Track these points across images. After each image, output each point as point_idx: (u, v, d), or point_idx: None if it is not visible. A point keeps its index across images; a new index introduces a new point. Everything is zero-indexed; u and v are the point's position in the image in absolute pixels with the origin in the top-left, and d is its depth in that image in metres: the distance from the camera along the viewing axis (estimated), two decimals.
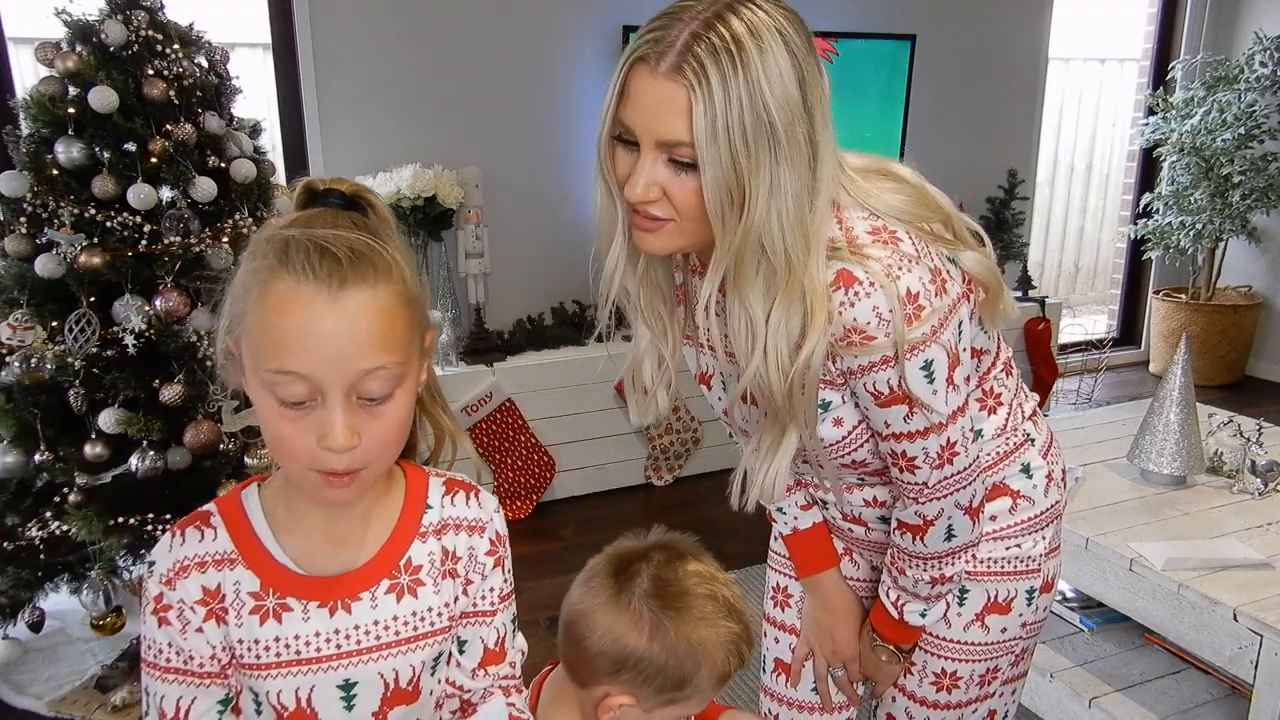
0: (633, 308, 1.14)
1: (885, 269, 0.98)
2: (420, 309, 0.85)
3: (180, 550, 0.87)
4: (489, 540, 0.95)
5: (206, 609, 0.86)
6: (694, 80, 0.90)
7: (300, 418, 0.78)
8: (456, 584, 0.93)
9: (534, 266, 3.58)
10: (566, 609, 1.10)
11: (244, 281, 0.80)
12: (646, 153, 0.95)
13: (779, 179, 0.94)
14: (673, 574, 1.08)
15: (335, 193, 0.86)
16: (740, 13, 0.92)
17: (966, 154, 4.35)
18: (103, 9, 2.19)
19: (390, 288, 0.80)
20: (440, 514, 0.93)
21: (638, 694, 1.06)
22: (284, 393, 0.78)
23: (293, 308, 0.76)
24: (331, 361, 0.77)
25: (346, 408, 0.78)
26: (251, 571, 0.86)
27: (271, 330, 0.77)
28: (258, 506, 0.89)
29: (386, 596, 0.89)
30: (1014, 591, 1.22)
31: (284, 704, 0.87)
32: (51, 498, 2.12)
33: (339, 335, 0.77)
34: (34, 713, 2.22)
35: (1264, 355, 4.85)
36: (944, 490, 1.10)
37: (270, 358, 0.77)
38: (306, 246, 0.78)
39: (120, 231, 2.13)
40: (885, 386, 1.02)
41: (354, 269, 0.77)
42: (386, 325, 0.79)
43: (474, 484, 0.97)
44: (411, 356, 0.83)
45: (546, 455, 3.39)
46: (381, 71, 3.32)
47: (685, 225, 0.99)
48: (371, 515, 0.90)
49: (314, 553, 0.88)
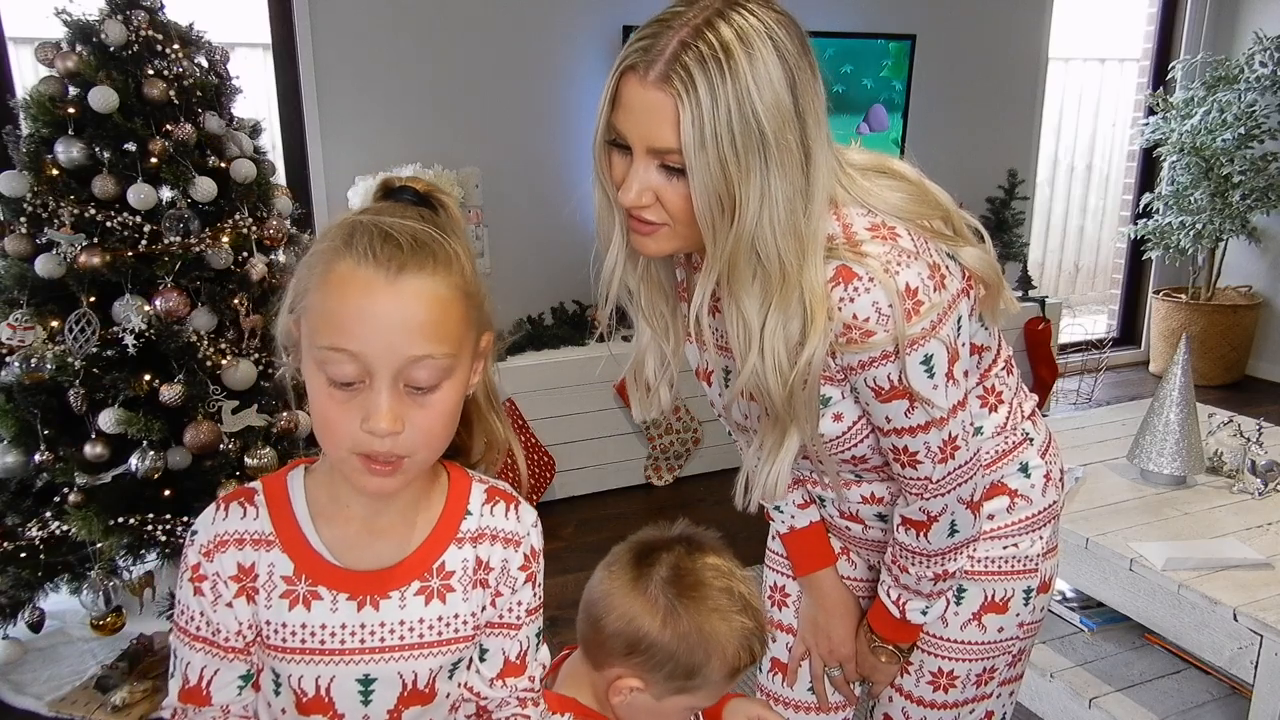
0: (634, 306, 1.15)
1: (884, 264, 0.98)
2: (478, 306, 0.85)
3: (222, 524, 0.88)
4: (524, 555, 0.94)
5: (239, 585, 0.87)
6: (681, 89, 0.90)
7: (348, 399, 0.79)
8: (486, 594, 0.93)
9: (534, 266, 3.58)
10: (588, 591, 1.13)
11: (309, 262, 0.82)
12: (639, 159, 0.96)
13: (770, 186, 0.94)
14: (691, 564, 1.09)
15: (410, 189, 0.88)
16: (730, 19, 0.92)
17: (966, 154, 4.35)
18: (103, 9, 2.19)
19: (449, 279, 0.81)
20: (479, 522, 0.93)
21: (648, 679, 1.07)
22: (334, 371, 0.79)
23: (351, 287, 0.78)
24: (383, 343, 0.78)
25: (393, 393, 0.79)
26: (287, 555, 0.87)
27: (329, 308, 0.79)
28: (301, 491, 0.90)
29: (416, 598, 0.89)
30: (1011, 591, 1.22)
31: (304, 689, 0.88)
32: (51, 498, 2.12)
33: (392, 318, 0.78)
34: (34, 713, 2.22)
35: (1264, 355, 4.85)
36: (948, 485, 1.10)
37: (324, 335, 0.79)
38: (371, 231, 0.80)
39: (120, 231, 2.13)
40: (886, 382, 1.02)
41: (414, 256, 0.79)
42: (440, 315, 0.80)
43: (515, 495, 0.97)
44: (463, 351, 0.83)
45: (546, 455, 3.39)
46: (381, 71, 3.32)
47: (679, 229, 1.00)
48: (412, 513, 0.91)
49: (350, 543, 0.89)
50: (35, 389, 2.09)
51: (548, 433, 3.39)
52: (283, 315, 0.85)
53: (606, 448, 3.53)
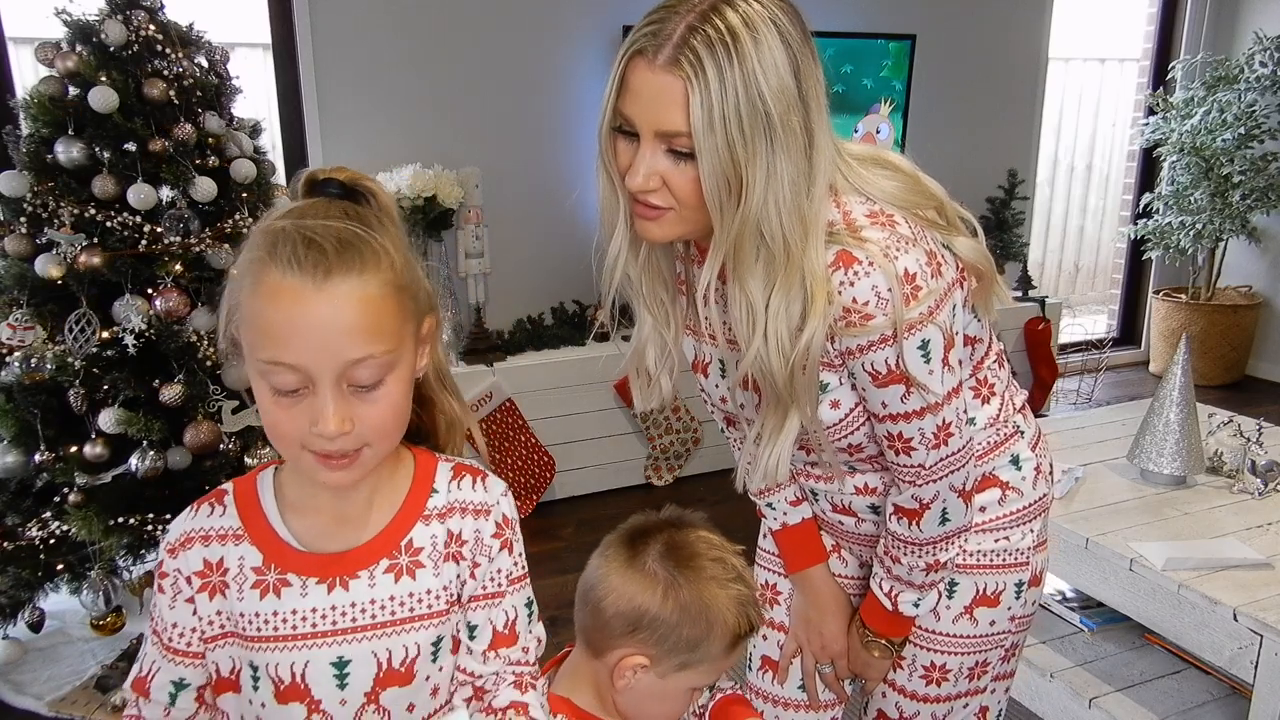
0: (635, 294, 1.17)
1: (883, 249, 1.00)
2: (413, 296, 0.86)
3: (190, 523, 0.91)
4: (495, 523, 0.95)
5: (204, 580, 0.89)
6: (690, 72, 0.92)
7: (294, 404, 0.80)
8: (462, 567, 0.94)
9: (534, 266, 3.58)
10: (583, 579, 1.14)
11: (238, 273, 0.82)
12: (646, 143, 0.98)
13: (776, 167, 0.96)
14: (684, 538, 1.12)
15: (334, 182, 0.87)
16: (736, 5, 0.94)
17: (966, 154, 4.35)
18: (103, 9, 2.19)
19: (378, 276, 0.80)
20: (446, 498, 0.94)
21: (652, 654, 1.08)
22: (277, 382, 0.80)
23: (281, 298, 0.78)
24: (319, 351, 0.78)
25: (337, 395, 0.80)
26: (255, 547, 0.89)
27: (262, 321, 0.79)
28: (270, 486, 0.92)
29: (385, 576, 0.90)
30: (1003, 584, 1.23)
31: (280, 677, 0.89)
32: (51, 498, 2.13)
33: (325, 324, 0.78)
34: (34, 713, 2.22)
35: (1264, 355, 4.85)
36: (941, 472, 1.11)
37: (261, 348, 0.79)
38: (294, 237, 0.79)
39: (120, 231, 2.13)
40: (884, 366, 1.04)
41: (340, 258, 0.79)
42: (374, 314, 0.80)
43: (481, 469, 0.98)
44: (404, 343, 0.84)
45: (546, 455, 3.39)
46: (381, 71, 3.32)
47: (685, 213, 1.01)
48: (377, 497, 0.92)
49: (319, 532, 0.90)
50: (35, 389, 2.09)
51: (548, 433, 3.39)
52: (221, 326, 0.86)
53: (606, 448, 3.53)
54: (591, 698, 1.14)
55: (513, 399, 3.30)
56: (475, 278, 3.40)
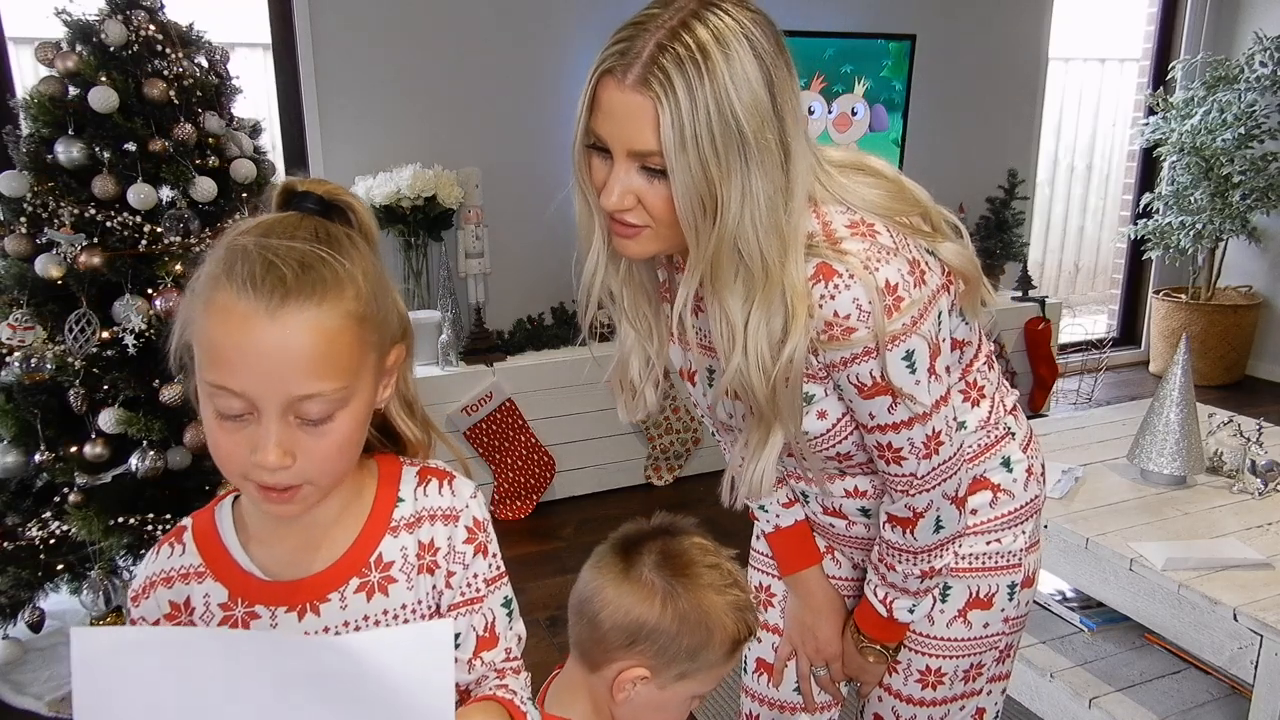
0: (617, 309, 1.15)
1: (864, 261, 0.98)
2: (377, 326, 0.80)
3: (152, 566, 0.88)
4: (465, 529, 0.91)
5: (174, 623, 0.86)
6: (660, 92, 0.90)
7: (238, 430, 0.76)
8: (437, 577, 0.90)
9: (534, 266, 3.58)
10: (576, 593, 1.12)
11: (194, 286, 0.78)
12: (619, 162, 0.96)
13: (751, 184, 0.94)
14: (678, 546, 1.11)
15: (312, 196, 0.83)
16: (706, 20, 0.92)
17: (966, 154, 4.35)
18: (103, 9, 2.19)
19: (339, 306, 0.76)
20: (414, 506, 0.90)
21: (652, 665, 1.07)
22: (221, 405, 0.76)
23: (231, 321, 0.74)
24: (266, 381, 0.74)
25: (282, 426, 0.75)
26: (219, 583, 0.86)
27: (211, 341, 0.75)
28: (229, 518, 0.88)
29: (356, 596, 0.87)
30: (995, 587, 1.23)
31: None
32: (51, 498, 2.13)
33: (274, 354, 0.73)
34: (34, 713, 2.22)
35: (1264, 355, 4.85)
36: (933, 480, 1.10)
37: (208, 369, 0.76)
38: (254, 257, 0.74)
39: (120, 231, 2.13)
40: (868, 378, 1.03)
41: (299, 284, 0.74)
42: (327, 348, 0.75)
43: (449, 470, 0.94)
44: (360, 379, 0.79)
45: (546, 455, 3.39)
46: (381, 71, 3.32)
47: (661, 231, 1.00)
48: (343, 516, 0.88)
49: (282, 558, 0.87)
50: (35, 389, 2.09)
51: (547, 433, 3.39)
52: (174, 339, 0.81)
53: (606, 448, 3.53)
54: (588, 713, 1.12)
55: (513, 399, 3.30)
56: (475, 278, 3.40)
